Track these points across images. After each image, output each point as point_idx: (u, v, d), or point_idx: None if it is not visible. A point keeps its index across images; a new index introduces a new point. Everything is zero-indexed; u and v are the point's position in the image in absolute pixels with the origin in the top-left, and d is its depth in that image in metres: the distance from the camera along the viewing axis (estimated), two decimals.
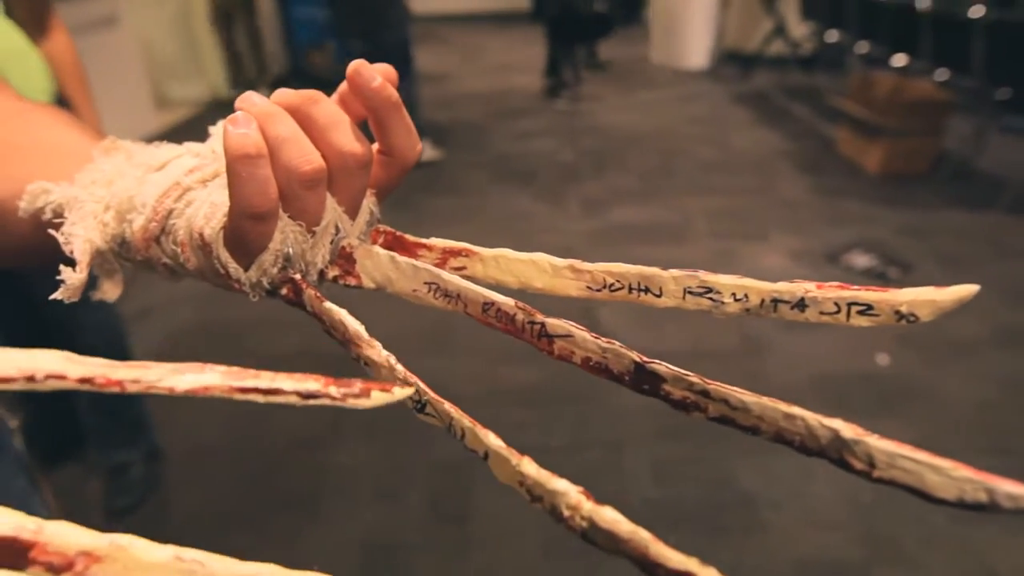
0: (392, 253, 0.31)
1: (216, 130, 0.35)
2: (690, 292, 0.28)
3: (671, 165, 3.63)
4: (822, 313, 0.27)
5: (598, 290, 0.30)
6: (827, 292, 0.26)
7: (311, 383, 0.21)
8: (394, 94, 0.30)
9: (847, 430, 0.22)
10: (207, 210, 0.29)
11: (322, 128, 0.29)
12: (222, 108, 5.31)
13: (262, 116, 0.27)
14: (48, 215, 0.33)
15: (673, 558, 0.20)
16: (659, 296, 0.29)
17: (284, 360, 2.11)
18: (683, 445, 1.64)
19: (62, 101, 1.31)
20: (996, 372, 1.86)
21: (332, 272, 0.32)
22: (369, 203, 0.32)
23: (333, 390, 0.21)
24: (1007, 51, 2.74)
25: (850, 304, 0.26)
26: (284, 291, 0.30)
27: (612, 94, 5.21)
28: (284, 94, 0.29)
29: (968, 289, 0.25)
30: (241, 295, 0.30)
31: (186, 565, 0.22)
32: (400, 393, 0.22)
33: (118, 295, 0.35)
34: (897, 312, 0.26)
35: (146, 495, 1.56)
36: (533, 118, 4.66)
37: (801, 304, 0.27)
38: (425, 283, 0.30)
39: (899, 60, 3.51)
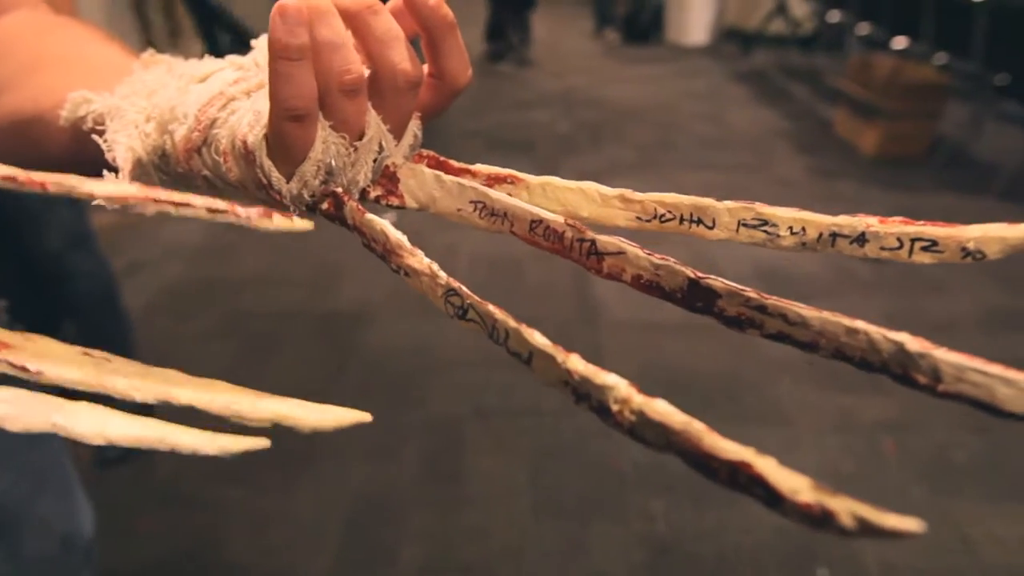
0: (437, 172, 0.31)
1: (259, 42, 0.34)
2: (744, 224, 0.27)
3: (669, 140, 3.62)
4: (883, 248, 0.26)
5: (648, 220, 0.29)
6: (889, 227, 0.25)
7: (219, 202, 0.22)
8: (449, 13, 0.29)
9: (912, 343, 0.21)
10: (251, 118, 0.29)
11: (378, 40, 0.28)
12: None
13: (313, 13, 0.26)
14: (89, 124, 0.33)
15: (728, 448, 0.19)
16: (711, 228, 0.28)
17: (278, 316, 2.11)
18: None
19: None
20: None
21: (374, 192, 0.31)
22: (414, 126, 0.32)
23: (239, 210, 0.22)
24: (1008, 37, 2.74)
25: (914, 239, 0.25)
26: (325, 205, 0.30)
27: (611, 67, 5.17)
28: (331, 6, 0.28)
29: None
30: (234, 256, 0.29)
31: (95, 359, 0.23)
32: (300, 223, 0.22)
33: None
34: (963, 249, 0.24)
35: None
36: (530, 88, 4.62)
37: (861, 238, 0.26)
38: (471, 202, 0.30)
39: (899, 43, 3.50)
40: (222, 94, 0.30)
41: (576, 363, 0.22)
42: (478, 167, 0.32)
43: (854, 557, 1.31)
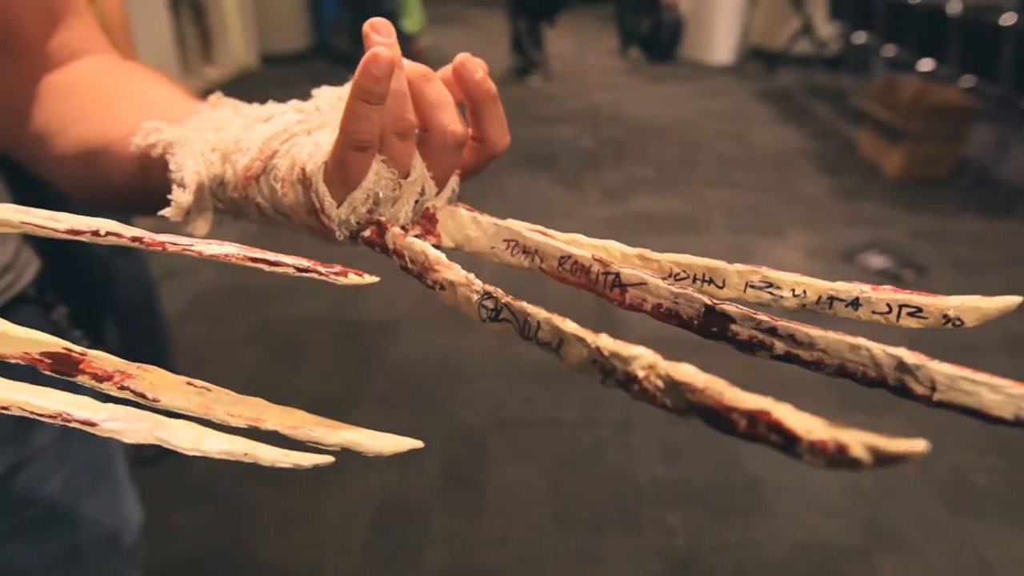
0: (474, 213, 0.34)
1: (320, 92, 0.38)
2: (751, 286, 0.30)
3: (691, 157, 3.65)
4: (874, 312, 0.28)
5: (664, 278, 0.31)
6: (880, 294, 0.28)
7: (304, 261, 0.26)
8: (492, 87, 0.34)
9: (910, 356, 0.23)
10: (311, 148, 0.32)
11: (431, 104, 0.32)
12: (248, 82, 5.33)
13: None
14: (159, 151, 0.36)
15: (748, 399, 0.20)
16: (721, 288, 0.31)
17: (306, 324, 2.16)
18: (691, 427, 1.68)
19: None
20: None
21: (413, 231, 0.34)
22: (453, 182, 0.35)
23: (321, 268, 0.26)
24: None
25: (901, 306, 0.28)
26: (367, 233, 0.33)
27: (635, 85, 5.21)
28: (402, 62, 0.32)
29: (1011, 300, 0.27)
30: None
31: (197, 388, 0.27)
32: (368, 279, 0.26)
33: (207, 232, 0.37)
34: (945, 316, 0.27)
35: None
36: (555, 104, 4.68)
37: (855, 303, 0.29)
38: (504, 240, 0.33)
39: (925, 65, 3.50)
40: (285, 131, 0.34)
41: (605, 340, 0.24)
42: (508, 223, 0.35)
43: (872, 574, 1.32)
